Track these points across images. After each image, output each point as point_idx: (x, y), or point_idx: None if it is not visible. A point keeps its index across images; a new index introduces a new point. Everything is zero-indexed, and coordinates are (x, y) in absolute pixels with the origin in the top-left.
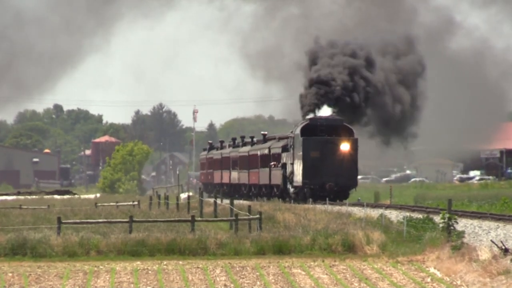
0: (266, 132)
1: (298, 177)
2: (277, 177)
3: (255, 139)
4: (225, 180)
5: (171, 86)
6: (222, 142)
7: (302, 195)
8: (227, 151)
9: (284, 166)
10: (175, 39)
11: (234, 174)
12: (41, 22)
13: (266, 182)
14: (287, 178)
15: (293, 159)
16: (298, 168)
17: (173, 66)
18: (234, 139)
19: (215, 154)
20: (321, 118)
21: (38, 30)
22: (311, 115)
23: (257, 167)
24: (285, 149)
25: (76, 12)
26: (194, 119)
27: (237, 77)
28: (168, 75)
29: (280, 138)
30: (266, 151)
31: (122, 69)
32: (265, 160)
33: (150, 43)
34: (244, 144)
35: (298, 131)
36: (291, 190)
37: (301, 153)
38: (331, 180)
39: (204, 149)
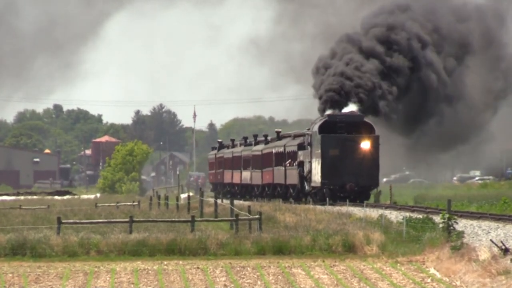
0: (280, 130)
1: (316, 177)
2: (293, 177)
3: (269, 137)
4: (236, 180)
5: (171, 86)
6: (233, 140)
7: (321, 195)
8: (239, 150)
9: (300, 164)
10: (175, 38)
11: (246, 174)
12: (40, 20)
13: (281, 182)
14: (304, 177)
15: (311, 158)
16: (316, 167)
17: (173, 65)
18: (245, 138)
19: (226, 153)
20: (340, 114)
21: (36, 28)
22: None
23: (271, 166)
24: (301, 147)
25: (76, 10)
26: (194, 119)
27: (238, 76)
28: (168, 75)
29: (296, 136)
30: (281, 149)
31: (122, 68)
32: (280, 159)
33: (151, 42)
34: (257, 143)
35: (316, 128)
36: (309, 190)
37: (319, 151)
38: (352, 180)
39: (213, 148)
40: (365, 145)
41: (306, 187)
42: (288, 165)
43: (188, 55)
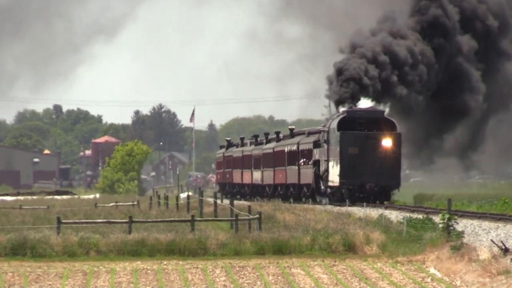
0: (293, 127)
1: (334, 176)
2: (307, 176)
3: (281, 135)
4: (247, 180)
5: (171, 86)
6: (242, 139)
7: (339, 196)
8: (249, 149)
9: (316, 163)
10: (175, 37)
11: (257, 174)
12: (41, 20)
13: (295, 182)
14: (320, 177)
15: (328, 156)
16: (334, 166)
17: (173, 65)
18: (256, 136)
19: (235, 152)
20: (360, 110)
21: (37, 29)
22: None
23: (284, 165)
24: (317, 144)
25: (77, 11)
26: (191, 120)
27: (238, 76)
28: (168, 75)
29: (310, 133)
30: (295, 147)
31: (122, 69)
32: (293, 158)
33: (150, 42)
34: (268, 141)
35: (334, 124)
36: (327, 190)
37: (338, 149)
38: (372, 180)
39: (221, 147)
40: (387, 143)
41: (322, 187)
42: (302, 164)
43: (188, 54)
